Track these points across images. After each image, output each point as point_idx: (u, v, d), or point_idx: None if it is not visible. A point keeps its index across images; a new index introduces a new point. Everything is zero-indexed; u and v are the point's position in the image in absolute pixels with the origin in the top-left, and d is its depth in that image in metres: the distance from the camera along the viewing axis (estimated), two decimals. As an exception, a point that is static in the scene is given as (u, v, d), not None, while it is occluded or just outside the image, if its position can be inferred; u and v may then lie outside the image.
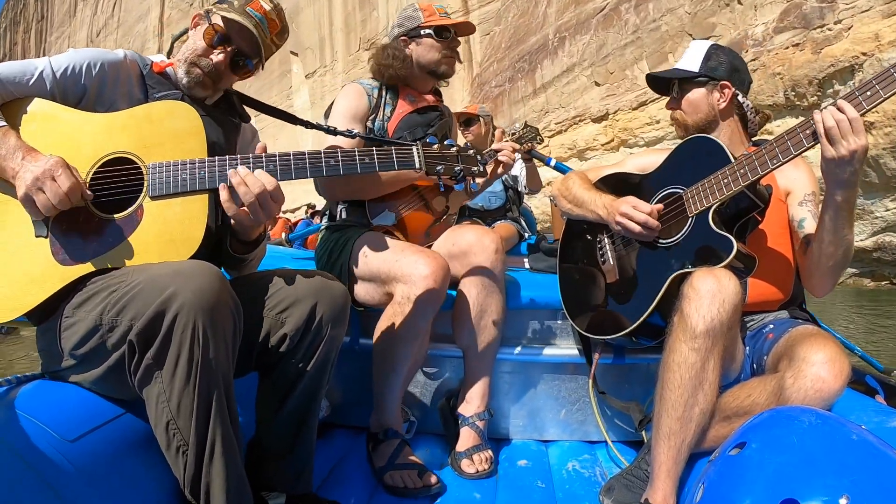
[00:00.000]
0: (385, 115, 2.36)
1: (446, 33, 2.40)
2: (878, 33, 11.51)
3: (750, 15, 14.29)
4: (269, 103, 2.08)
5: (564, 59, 19.23)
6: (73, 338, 1.45)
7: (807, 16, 13.00)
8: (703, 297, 1.62)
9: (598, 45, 18.02)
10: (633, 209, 1.92)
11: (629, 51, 17.14)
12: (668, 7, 16.12)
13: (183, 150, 1.56)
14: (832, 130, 1.60)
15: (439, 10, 2.42)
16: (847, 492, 1.06)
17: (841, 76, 12.04)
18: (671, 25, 16.01)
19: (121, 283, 1.40)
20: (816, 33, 12.72)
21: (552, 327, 2.42)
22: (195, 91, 1.76)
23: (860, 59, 11.65)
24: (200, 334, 1.31)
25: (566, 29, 19.28)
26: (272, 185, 1.53)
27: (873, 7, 11.90)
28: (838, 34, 12.30)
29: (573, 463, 2.22)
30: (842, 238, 1.78)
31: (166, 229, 1.51)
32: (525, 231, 4.33)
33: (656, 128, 16.14)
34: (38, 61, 1.59)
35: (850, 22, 12.21)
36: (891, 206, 11.59)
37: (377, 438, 2.07)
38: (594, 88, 18.23)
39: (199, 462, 1.34)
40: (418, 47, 2.40)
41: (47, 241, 1.48)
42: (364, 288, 2.18)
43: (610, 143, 17.45)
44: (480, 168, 1.75)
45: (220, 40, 1.73)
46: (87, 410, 1.46)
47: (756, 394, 1.65)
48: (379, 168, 1.64)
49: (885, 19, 11.63)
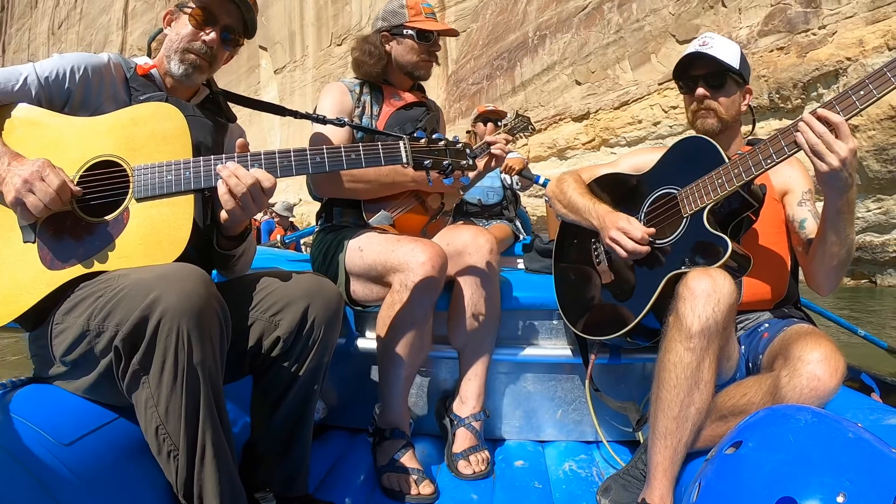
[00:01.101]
0: (373, 114, 2.35)
1: (429, 36, 2.37)
2: (863, 39, 11.80)
3: (734, 18, 14.41)
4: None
5: (545, 57, 19.19)
6: (63, 344, 1.44)
7: (791, 20, 13.19)
8: (699, 297, 1.62)
9: (579, 44, 18.01)
10: (625, 236, 1.89)
11: (611, 50, 17.15)
12: (651, 8, 16.16)
13: (168, 151, 1.56)
14: (817, 146, 1.60)
15: (426, 9, 2.38)
16: (844, 489, 1.06)
17: (825, 80, 12.30)
18: (654, 26, 16.06)
19: (107, 287, 1.39)
20: (801, 37, 12.93)
21: (548, 328, 2.42)
22: (192, 78, 1.76)
23: (845, 64, 11.90)
24: (185, 338, 1.30)
25: (547, 27, 19.24)
26: (268, 182, 1.53)
27: (857, 14, 12.17)
28: (823, 39, 12.54)
29: (570, 463, 2.23)
30: (846, 237, 1.80)
31: (152, 231, 1.50)
32: (520, 232, 4.33)
33: (638, 127, 16.19)
34: (23, 67, 1.59)
35: (835, 27, 12.46)
36: (872, 206, 11.76)
37: (383, 435, 2.06)
38: (575, 87, 18.23)
39: (191, 466, 1.34)
40: (398, 46, 2.38)
41: (35, 246, 1.47)
42: (361, 284, 2.18)
43: (591, 143, 17.46)
44: (469, 162, 1.73)
45: (207, 20, 1.73)
46: (81, 414, 1.46)
47: (752, 393, 1.65)
48: (365, 164, 1.63)
49: (868, 25, 11.91)
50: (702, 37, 2.11)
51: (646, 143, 15.77)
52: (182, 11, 1.75)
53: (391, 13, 2.39)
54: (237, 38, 1.80)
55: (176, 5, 1.77)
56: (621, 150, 16.35)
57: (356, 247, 2.16)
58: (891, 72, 1.52)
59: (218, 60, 1.79)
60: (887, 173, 11.32)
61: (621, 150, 16.35)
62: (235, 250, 1.76)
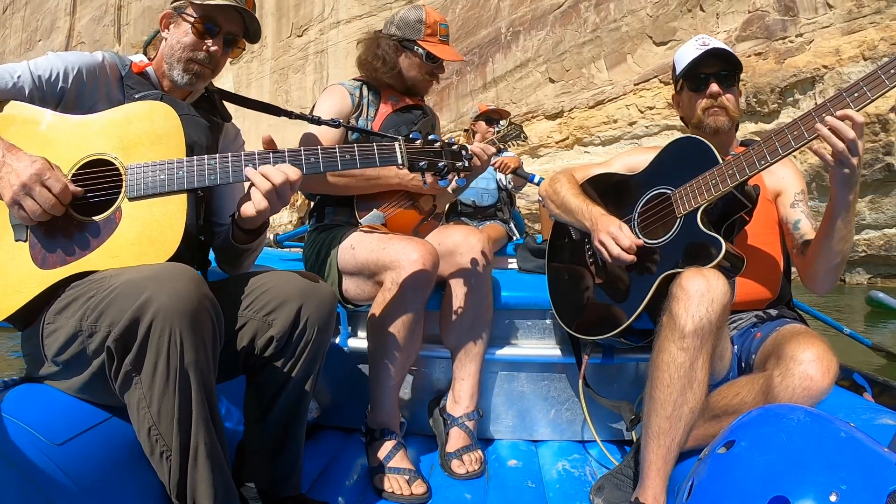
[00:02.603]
0: (369, 115, 2.36)
1: (437, 59, 2.42)
2: (839, 49, 12.21)
3: (712, 22, 14.57)
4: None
5: (518, 53, 19.06)
6: (55, 344, 1.43)
7: (769, 27, 13.49)
8: (692, 297, 1.63)
9: (554, 42, 17.94)
10: (613, 241, 1.90)
11: (587, 49, 17.12)
12: (629, 8, 16.18)
13: (161, 150, 1.55)
14: (844, 153, 1.61)
15: (442, 30, 2.42)
16: (836, 489, 1.06)
17: (802, 86, 12.69)
18: (632, 27, 16.10)
19: (98, 287, 1.38)
20: (779, 44, 13.25)
21: (541, 327, 2.42)
22: (196, 86, 1.76)
23: (822, 72, 12.31)
24: (178, 339, 1.29)
25: (521, 23, 19.10)
26: (295, 175, 1.53)
27: (833, 24, 12.57)
28: (800, 46, 12.92)
29: (563, 463, 2.23)
30: (849, 234, 1.80)
31: (145, 230, 1.49)
32: (514, 233, 4.34)
33: (613, 127, 16.20)
34: (18, 66, 1.58)
35: (812, 36, 12.83)
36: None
37: (374, 435, 2.06)
38: (548, 85, 18.15)
39: (184, 467, 1.33)
40: (406, 59, 2.40)
41: (27, 244, 1.46)
42: (354, 282, 2.18)
43: (565, 141, 17.40)
44: (465, 164, 1.73)
45: (210, 30, 1.72)
46: (74, 414, 1.45)
47: (744, 392, 1.66)
48: (360, 164, 1.63)
49: (844, 36, 12.32)
50: (697, 38, 2.11)
51: (621, 143, 15.86)
52: (182, 18, 1.72)
53: (407, 25, 2.40)
54: (238, 41, 1.80)
55: (174, 8, 1.74)
56: (595, 150, 16.40)
57: (348, 245, 2.16)
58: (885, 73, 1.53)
59: (220, 66, 1.79)
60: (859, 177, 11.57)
61: (595, 150, 16.40)
62: (251, 244, 1.76)
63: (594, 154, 16.38)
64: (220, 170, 1.53)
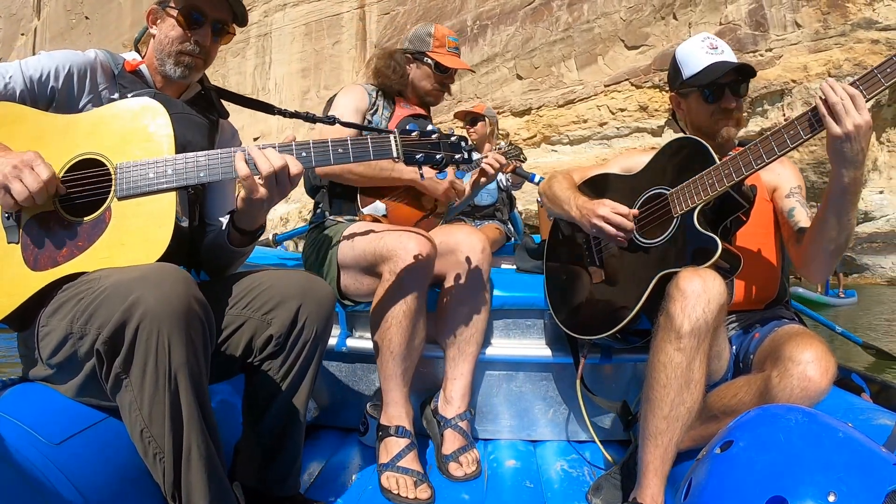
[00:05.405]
0: (384, 115, 2.46)
1: (445, 69, 2.55)
2: (807, 65, 12.94)
3: (683, 31, 14.75)
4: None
5: (485, 48, 19.04)
6: (48, 347, 1.43)
7: (741, 40, 13.86)
8: (689, 298, 1.63)
9: (524, 39, 17.96)
10: (611, 211, 1.91)
11: (558, 48, 17.15)
12: (603, 11, 16.25)
13: (151, 148, 1.54)
14: (837, 106, 1.57)
15: (451, 42, 2.57)
16: (834, 489, 1.07)
17: (771, 98, 13.14)
18: (605, 29, 16.18)
19: (88, 289, 1.38)
20: (750, 56, 13.66)
21: (538, 327, 2.42)
22: (189, 78, 1.75)
23: (791, 86, 12.87)
24: (166, 341, 1.28)
25: (488, 17, 19.10)
26: (296, 168, 1.53)
27: (801, 42, 13.27)
28: (770, 61, 13.38)
29: (561, 463, 2.23)
30: (847, 222, 1.74)
31: (134, 230, 1.48)
32: (512, 234, 4.33)
33: (583, 127, 16.27)
34: (9, 66, 1.57)
35: (781, 52, 13.24)
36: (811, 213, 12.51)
37: (388, 432, 2.04)
38: (516, 81, 18.17)
39: (177, 469, 1.32)
40: (417, 70, 2.56)
41: (19, 246, 1.45)
42: (352, 277, 2.18)
43: (532, 139, 17.44)
44: (465, 155, 1.68)
45: (195, 20, 1.71)
46: (71, 414, 1.45)
47: (742, 393, 1.66)
48: (353, 158, 1.60)
49: (812, 54, 13.04)
50: (703, 38, 2.07)
51: (590, 143, 15.98)
52: (166, 12, 1.72)
53: (418, 38, 2.56)
54: (227, 27, 1.79)
55: (158, 3, 1.74)
56: (563, 149, 16.48)
57: (347, 240, 2.18)
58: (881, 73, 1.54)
59: (212, 55, 1.78)
60: (823, 184, 11.87)
61: (563, 149, 16.48)
62: (245, 248, 1.75)
63: (562, 153, 16.49)
64: (210, 166, 1.52)
